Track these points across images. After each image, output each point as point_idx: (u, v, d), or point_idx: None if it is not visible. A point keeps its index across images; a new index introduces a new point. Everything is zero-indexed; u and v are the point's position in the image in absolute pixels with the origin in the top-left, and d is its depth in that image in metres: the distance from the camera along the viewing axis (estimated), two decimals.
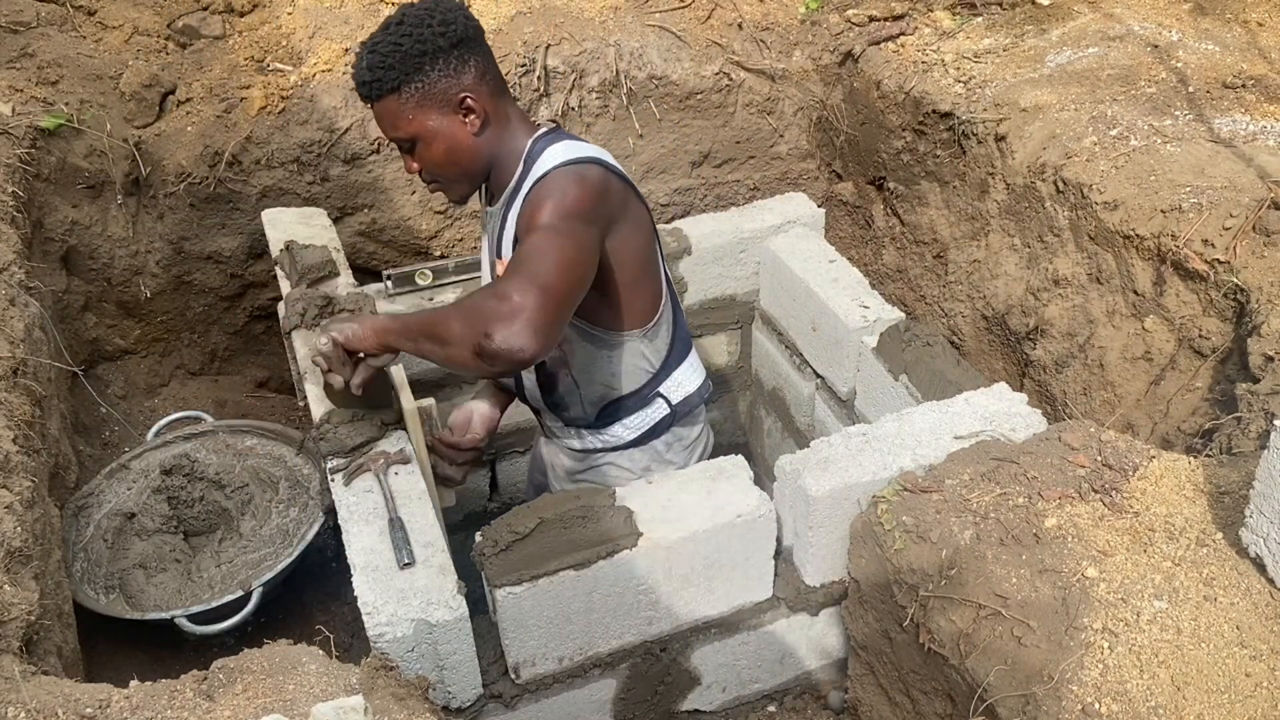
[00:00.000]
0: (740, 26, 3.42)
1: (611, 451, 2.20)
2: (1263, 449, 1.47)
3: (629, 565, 1.86)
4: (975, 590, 1.64)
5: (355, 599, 1.72)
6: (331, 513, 2.21)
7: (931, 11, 3.38)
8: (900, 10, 3.38)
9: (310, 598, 2.58)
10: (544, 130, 1.95)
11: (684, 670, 2.07)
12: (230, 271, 3.15)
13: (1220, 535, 1.61)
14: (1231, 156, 2.41)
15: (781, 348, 3.14)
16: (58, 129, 2.75)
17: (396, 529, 1.81)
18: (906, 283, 3.27)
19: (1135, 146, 2.52)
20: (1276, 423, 1.42)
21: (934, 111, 2.98)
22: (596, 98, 3.26)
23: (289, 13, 3.31)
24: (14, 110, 2.69)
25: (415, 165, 1.91)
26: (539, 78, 3.17)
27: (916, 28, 3.31)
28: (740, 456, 2.05)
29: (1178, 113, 2.64)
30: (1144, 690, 1.42)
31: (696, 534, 1.88)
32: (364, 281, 2.92)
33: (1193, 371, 2.25)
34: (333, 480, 1.95)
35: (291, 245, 2.49)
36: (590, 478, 2.24)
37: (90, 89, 2.98)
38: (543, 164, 1.85)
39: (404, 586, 1.73)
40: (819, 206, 3.17)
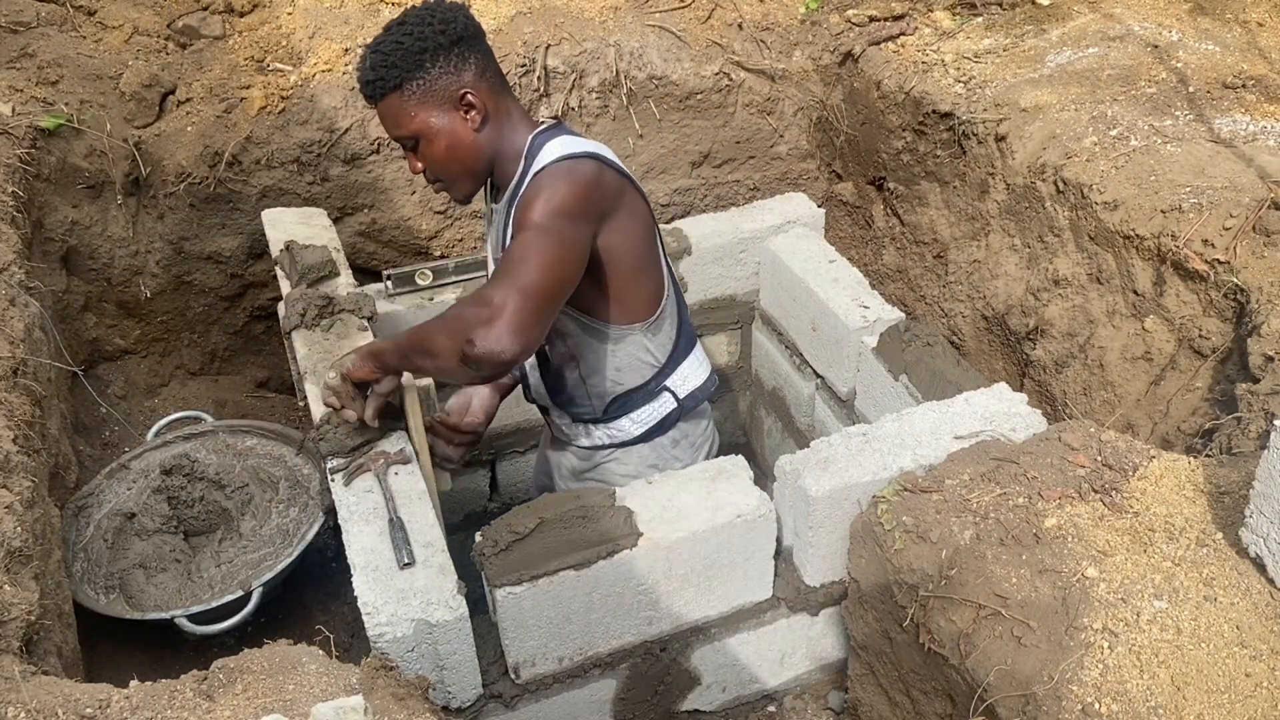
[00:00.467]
0: (740, 26, 3.42)
1: (619, 448, 2.21)
2: (1263, 449, 1.47)
3: (629, 565, 1.86)
4: (975, 590, 1.64)
5: (355, 599, 1.72)
6: (331, 513, 2.21)
7: (931, 11, 3.38)
8: (900, 10, 3.38)
9: (310, 598, 2.58)
10: (545, 127, 1.96)
11: (684, 670, 2.07)
12: (230, 271, 3.15)
13: (1220, 535, 1.61)
14: (1231, 156, 2.41)
15: (781, 348, 3.14)
16: (58, 129, 2.75)
17: (396, 529, 1.81)
18: (906, 283, 3.27)
19: (1135, 146, 2.52)
20: (1276, 423, 1.42)
21: (934, 111, 2.98)
22: (596, 98, 3.26)
23: (289, 13, 3.31)
24: (14, 110, 2.69)
25: (419, 165, 1.94)
26: (539, 78, 3.17)
27: (916, 28, 3.31)
28: (740, 456, 2.05)
29: (1178, 113, 2.64)
30: (1144, 690, 1.42)
31: (696, 534, 1.88)
32: (364, 281, 2.92)
33: (1193, 371, 2.25)
34: (333, 480, 1.95)
35: (291, 245, 2.49)
36: (596, 476, 2.25)
37: (90, 89, 2.98)
38: (540, 160, 1.87)
39: (404, 586, 1.73)
40: (819, 206, 3.17)
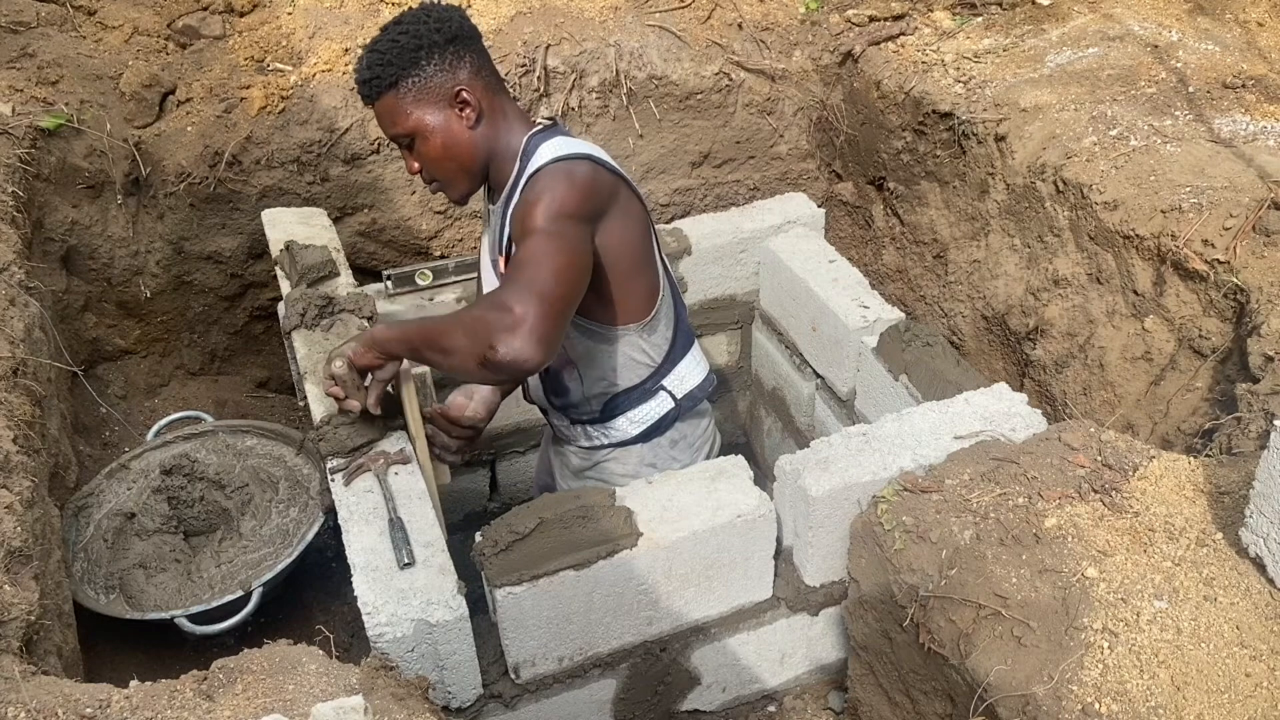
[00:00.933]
0: (740, 26, 3.42)
1: (618, 448, 2.21)
2: (1263, 449, 1.47)
3: (629, 565, 1.86)
4: (975, 590, 1.64)
5: (355, 599, 1.72)
6: (331, 513, 2.21)
7: (931, 11, 3.38)
8: (900, 10, 3.38)
9: (310, 598, 2.58)
10: (540, 127, 1.97)
11: (684, 670, 2.07)
12: (230, 271, 3.15)
13: (1220, 535, 1.61)
14: (1231, 156, 2.41)
15: (781, 348, 3.14)
16: (58, 129, 2.75)
17: (396, 529, 1.81)
18: (906, 283, 3.27)
19: (1135, 146, 2.52)
20: (1276, 423, 1.42)
21: (934, 111, 2.98)
22: (596, 98, 3.26)
23: (289, 13, 3.31)
24: (14, 110, 2.69)
25: (416, 165, 1.94)
26: (539, 78, 3.17)
27: (916, 28, 3.31)
28: (740, 456, 2.05)
29: (1177, 113, 2.64)
30: (1144, 690, 1.42)
31: (696, 534, 1.88)
32: (364, 281, 2.92)
33: (1193, 371, 2.25)
34: (333, 480, 1.95)
35: (291, 245, 2.49)
36: (596, 475, 2.25)
37: (90, 89, 2.98)
38: (535, 161, 1.88)
39: (404, 586, 1.73)
40: (819, 206, 3.17)
